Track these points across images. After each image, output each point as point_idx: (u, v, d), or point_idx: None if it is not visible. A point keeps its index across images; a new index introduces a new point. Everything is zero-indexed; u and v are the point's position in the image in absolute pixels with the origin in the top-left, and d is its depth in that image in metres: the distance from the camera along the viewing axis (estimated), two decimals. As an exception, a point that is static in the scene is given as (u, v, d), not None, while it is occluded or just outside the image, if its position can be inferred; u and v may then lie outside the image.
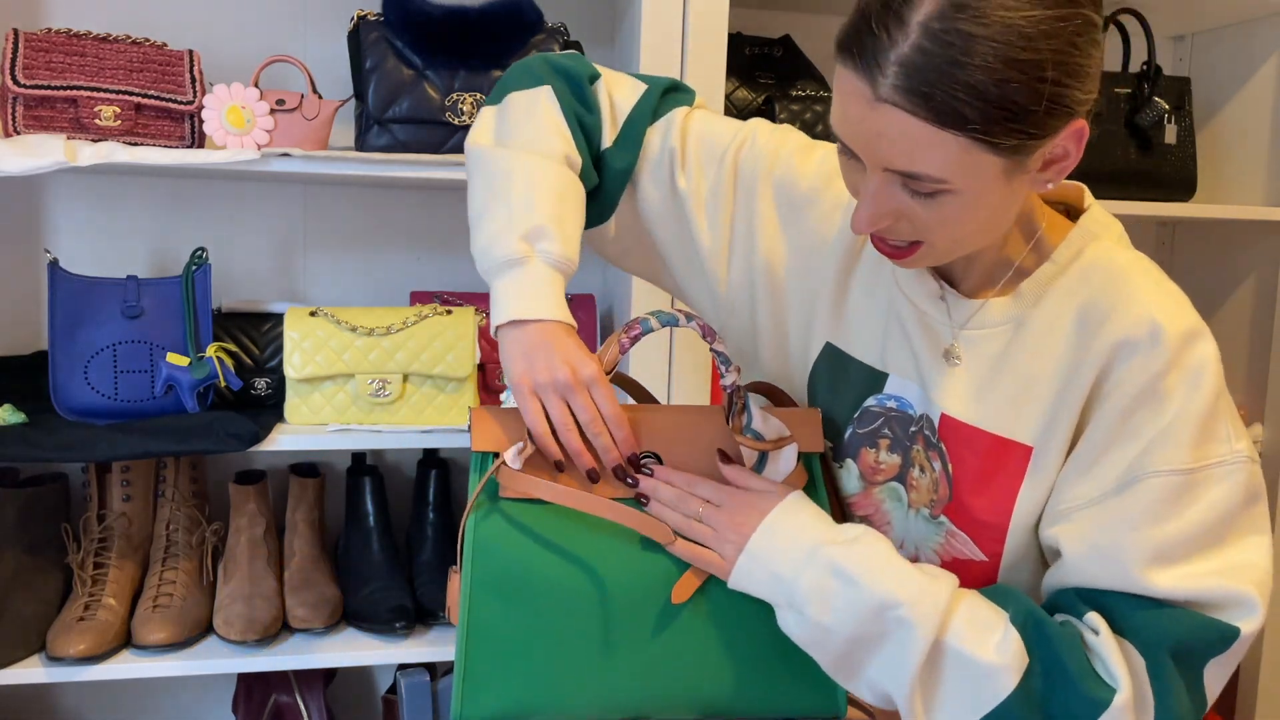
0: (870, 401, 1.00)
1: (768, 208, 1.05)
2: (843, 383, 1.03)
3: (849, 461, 1.03)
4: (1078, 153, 0.84)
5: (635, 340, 0.96)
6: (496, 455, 0.96)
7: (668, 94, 1.09)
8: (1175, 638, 0.85)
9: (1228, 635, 0.86)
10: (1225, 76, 2.06)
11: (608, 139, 1.06)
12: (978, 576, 0.95)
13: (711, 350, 0.98)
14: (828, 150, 1.06)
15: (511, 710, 0.93)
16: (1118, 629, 0.87)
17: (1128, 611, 0.87)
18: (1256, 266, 2.02)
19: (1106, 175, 1.85)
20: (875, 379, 1.00)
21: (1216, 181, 2.06)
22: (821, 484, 1.02)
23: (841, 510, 1.05)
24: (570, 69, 1.06)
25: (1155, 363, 0.86)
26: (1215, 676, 0.88)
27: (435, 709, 1.67)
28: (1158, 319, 0.87)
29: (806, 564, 0.89)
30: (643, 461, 0.98)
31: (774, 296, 1.06)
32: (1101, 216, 0.96)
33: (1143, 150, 1.88)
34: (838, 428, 1.03)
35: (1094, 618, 0.88)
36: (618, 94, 1.07)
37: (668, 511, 0.96)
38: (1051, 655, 0.86)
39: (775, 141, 1.06)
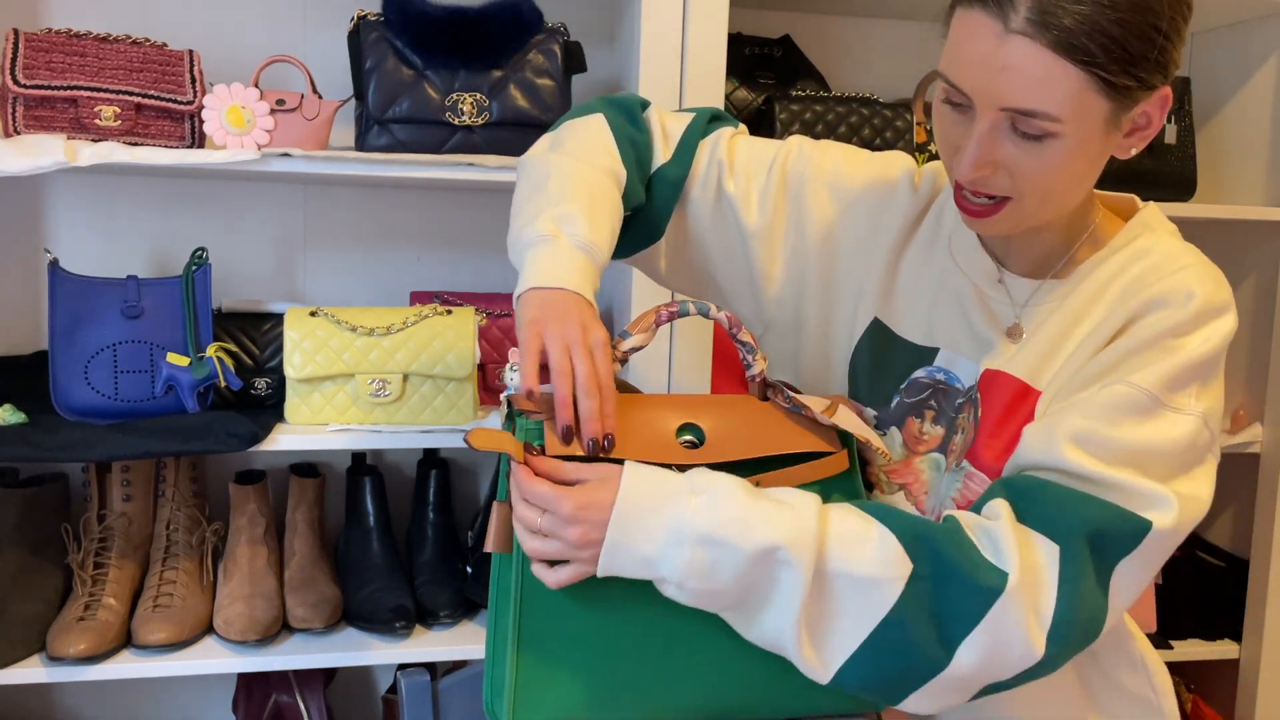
0: (919, 372, 1.05)
1: (819, 203, 1.10)
2: (888, 358, 1.07)
3: (893, 429, 1.06)
4: (1160, 120, 0.94)
5: (673, 317, 0.99)
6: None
7: (713, 120, 1.16)
8: (1091, 525, 0.88)
9: (1140, 529, 0.88)
10: (1225, 76, 2.06)
11: (660, 157, 1.11)
12: None
13: (736, 340, 1.00)
14: (870, 153, 1.14)
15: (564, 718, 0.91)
16: (1034, 517, 0.89)
17: (1045, 499, 0.90)
18: (1256, 266, 2.02)
19: (1107, 175, 1.82)
20: (922, 355, 1.05)
21: (1216, 181, 2.06)
22: (858, 468, 1.02)
23: (872, 483, 1.07)
24: (622, 99, 1.14)
25: (1177, 318, 0.93)
26: (1126, 580, 0.90)
27: (435, 709, 1.67)
28: (1194, 289, 0.94)
29: (673, 545, 0.86)
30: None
31: (824, 281, 1.11)
32: (1158, 214, 1.05)
33: (1143, 150, 1.88)
34: (883, 397, 1.07)
35: (996, 504, 0.91)
36: (668, 120, 1.14)
37: (523, 532, 0.89)
38: (935, 555, 0.87)
39: (819, 150, 1.13)
